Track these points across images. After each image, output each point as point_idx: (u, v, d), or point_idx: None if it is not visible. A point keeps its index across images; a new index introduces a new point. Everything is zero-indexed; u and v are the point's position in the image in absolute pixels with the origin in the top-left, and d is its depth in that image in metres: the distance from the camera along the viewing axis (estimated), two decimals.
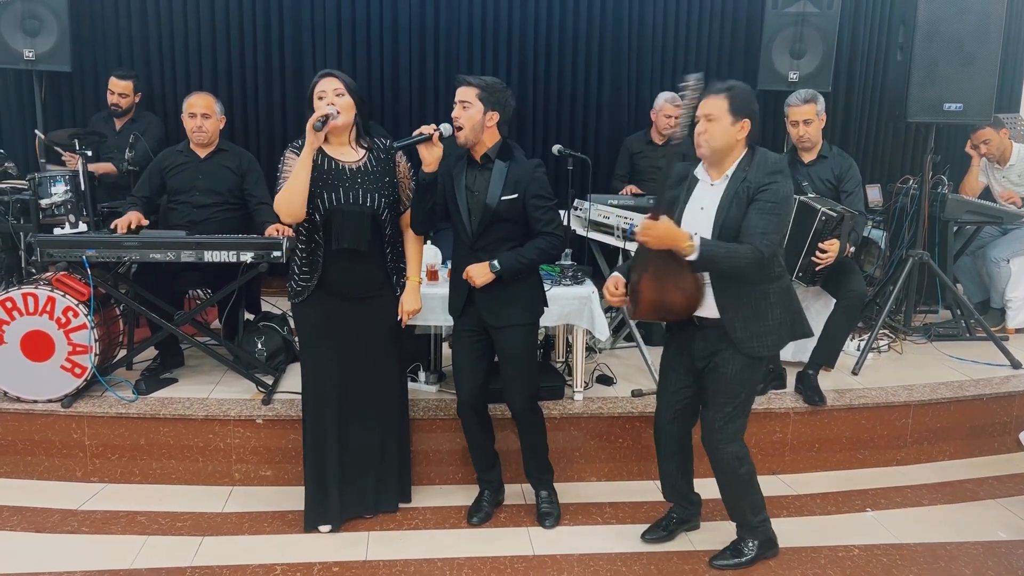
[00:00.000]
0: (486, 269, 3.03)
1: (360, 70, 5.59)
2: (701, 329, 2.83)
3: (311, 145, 2.88)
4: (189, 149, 4.15)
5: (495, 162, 3.07)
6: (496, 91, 3.04)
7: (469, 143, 3.03)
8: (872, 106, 6.15)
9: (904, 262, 4.72)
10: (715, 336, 2.81)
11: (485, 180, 3.06)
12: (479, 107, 3.00)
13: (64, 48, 4.96)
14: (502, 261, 3.03)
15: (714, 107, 2.72)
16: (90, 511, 3.33)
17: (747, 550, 3.02)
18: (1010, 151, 5.16)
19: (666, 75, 5.89)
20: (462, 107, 3.01)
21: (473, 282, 3.05)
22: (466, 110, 3.00)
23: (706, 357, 2.85)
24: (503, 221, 3.05)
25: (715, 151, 2.74)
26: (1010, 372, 4.38)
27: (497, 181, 3.04)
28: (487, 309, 3.10)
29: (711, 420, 2.86)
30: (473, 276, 3.03)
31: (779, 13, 5.25)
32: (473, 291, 3.10)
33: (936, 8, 4.36)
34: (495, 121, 3.06)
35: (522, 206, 3.05)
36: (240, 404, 3.65)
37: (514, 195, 3.03)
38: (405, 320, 3.18)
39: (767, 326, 2.79)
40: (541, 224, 3.07)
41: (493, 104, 3.02)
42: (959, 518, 3.44)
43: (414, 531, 3.24)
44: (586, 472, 3.72)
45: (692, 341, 2.86)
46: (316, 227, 2.99)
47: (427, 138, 2.97)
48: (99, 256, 3.52)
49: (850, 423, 3.88)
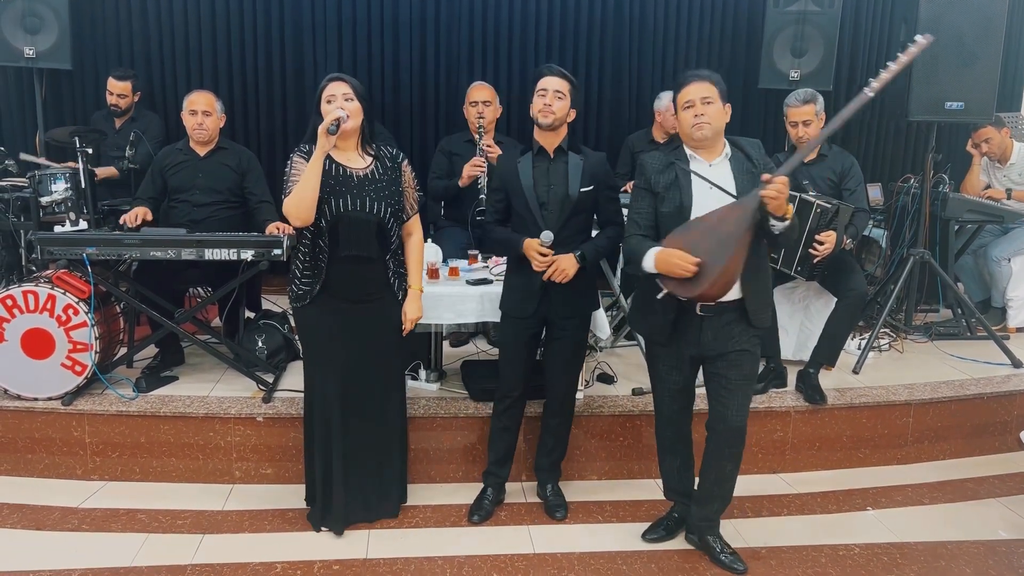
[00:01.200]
0: (574, 260, 3.06)
1: (360, 68, 5.58)
2: (710, 317, 2.82)
3: (322, 149, 2.85)
4: (189, 147, 4.14)
5: (569, 154, 3.12)
6: (578, 90, 3.16)
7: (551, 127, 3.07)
8: (873, 104, 6.09)
9: (905, 261, 4.72)
10: (729, 319, 2.82)
11: (561, 173, 3.10)
12: (568, 101, 3.08)
13: (65, 46, 4.95)
14: (586, 252, 3.09)
15: (709, 91, 2.79)
16: (90, 509, 3.33)
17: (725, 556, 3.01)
18: (1011, 150, 5.15)
19: (667, 73, 5.87)
20: (556, 96, 3.06)
21: (566, 275, 3.05)
22: (560, 100, 3.06)
23: (720, 343, 2.84)
24: (580, 213, 3.11)
25: (715, 132, 2.80)
26: (1011, 371, 4.38)
27: (575, 173, 3.09)
28: (564, 301, 3.14)
29: (739, 403, 2.86)
30: (567, 267, 3.05)
31: (780, 11, 5.24)
32: (550, 287, 3.10)
33: (937, 6, 4.35)
34: (572, 118, 3.14)
35: (595, 198, 3.13)
36: (240, 402, 3.65)
37: (591, 187, 3.10)
38: (408, 328, 3.18)
39: (768, 299, 2.91)
40: (611, 215, 3.19)
41: (576, 102, 3.13)
42: (960, 517, 3.43)
43: (414, 529, 3.23)
44: (587, 470, 3.72)
45: (700, 333, 2.85)
46: (321, 232, 2.98)
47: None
48: (99, 254, 3.52)
49: (851, 422, 3.87)
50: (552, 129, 3.08)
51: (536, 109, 3.07)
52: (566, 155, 3.12)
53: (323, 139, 2.83)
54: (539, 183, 3.09)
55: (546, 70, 3.12)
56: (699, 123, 2.77)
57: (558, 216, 3.07)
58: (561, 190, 3.08)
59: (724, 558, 2.98)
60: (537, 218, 3.07)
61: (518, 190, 3.10)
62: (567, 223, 3.08)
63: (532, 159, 3.13)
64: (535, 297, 3.13)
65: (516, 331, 3.22)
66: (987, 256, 5.15)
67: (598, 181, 3.12)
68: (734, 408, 2.85)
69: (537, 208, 3.08)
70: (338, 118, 2.85)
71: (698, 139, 2.80)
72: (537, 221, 3.07)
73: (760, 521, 3.38)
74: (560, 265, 3.05)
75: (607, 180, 3.16)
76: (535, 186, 3.09)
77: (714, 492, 2.99)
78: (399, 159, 3.12)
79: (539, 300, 3.13)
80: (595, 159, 3.16)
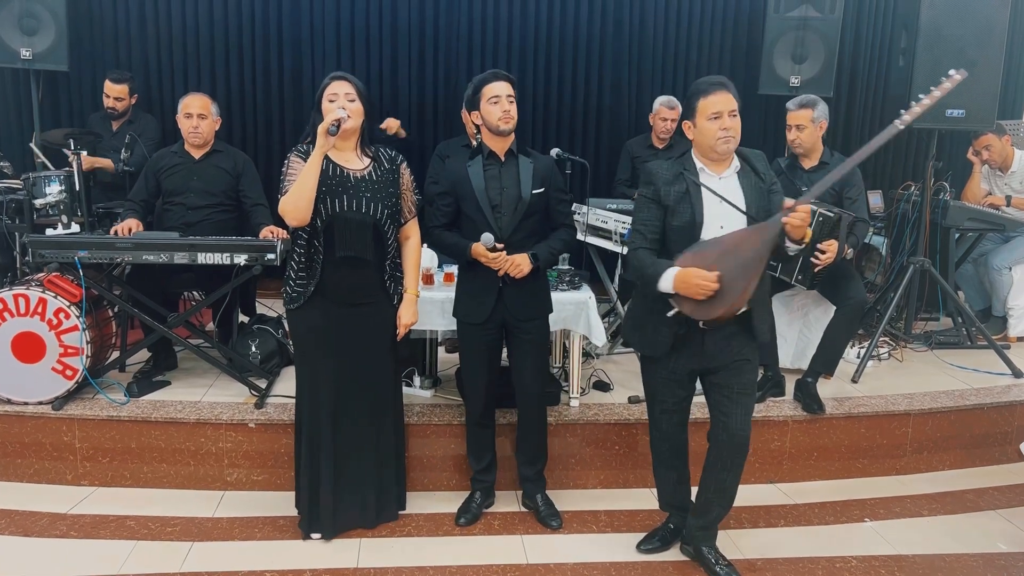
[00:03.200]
0: (528, 259, 3.07)
1: (359, 71, 5.56)
2: (712, 331, 2.78)
3: (321, 148, 2.82)
4: (183, 150, 4.12)
5: (519, 157, 3.13)
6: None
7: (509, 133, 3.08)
8: (874, 111, 6.11)
9: (905, 269, 4.69)
10: (731, 331, 2.78)
11: (513, 175, 3.10)
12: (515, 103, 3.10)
13: (62, 47, 4.94)
14: (539, 252, 3.10)
15: (734, 103, 2.73)
16: (79, 515, 3.30)
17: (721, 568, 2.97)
18: (1012, 158, 5.13)
19: (667, 79, 5.86)
20: (510, 101, 3.06)
21: (521, 271, 3.06)
22: (513, 104, 3.07)
23: (722, 355, 2.80)
24: (532, 215, 3.12)
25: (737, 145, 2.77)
26: (1012, 381, 4.34)
27: (527, 175, 3.10)
28: (518, 303, 3.14)
29: (742, 412, 2.82)
30: (521, 263, 3.06)
31: (780, 17, 5.22)
32: (503, 291, 3.11)
33: (938, 13, 4.33)
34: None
35: (546, 199, 3.15)
36: (233, 408, 3.62)
37: (541, 189, 3.12)
38: (401, 333, 3.15)
39: (768, 311, 2.93)
40: (562, 216, 3.23)
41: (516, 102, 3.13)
42: (959, 529, 3.39)
43: (406, 538, 3.20)
44: (582, 479, 3.69)
45: (701, 347, 2.81)
46: (316, 232, 2.94)
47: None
48: (92, 257, 3.50)
49: (849, 432, 3.84)
50: (508, 135, 3.09)
51: (495, 117, 3.05)
52: (516, 158, 3.13)
53: (322, 139, 2.80)
54: (491, 186, 3.10)
55: (491, 76, 3.09)
56: (726, 137, 2.70)
57: (511, 218, 3.09)
58: (514, 192, 3.09)
59: (720, 570, 2.94)
60: (490, 220, 3.08)
61: (469, 194, 3.10)
62: (520, 225, 3.10)
63: (483, 162, 3.12)
64: (489, 301, 3.13)
65: (474, 338, 3.21)
66: (988, 265, 5.12)
67: (548, 183, 3.14)
68: (737, 418, 2.81)
69: (490, 211, 3.08)
70: (339, 119, 2.82)
71: (721, 152, 2.73)
72: (490, 224, 3.07)
73: (756, 532, 3.34)
74: (515, 261, 3.06)
75: (557, 182, 3.20)
76: (487, 189, 3.09)
77: (713, 501, 2.95)
78: (398, 161, 3.10)
79: (493, 304, 3.13)
80: (544, 162, 3.18)
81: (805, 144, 3.90)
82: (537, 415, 3.31)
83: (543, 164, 3.16)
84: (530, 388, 3.25)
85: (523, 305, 3.15)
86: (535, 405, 3.29)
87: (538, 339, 3.22)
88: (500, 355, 3.29)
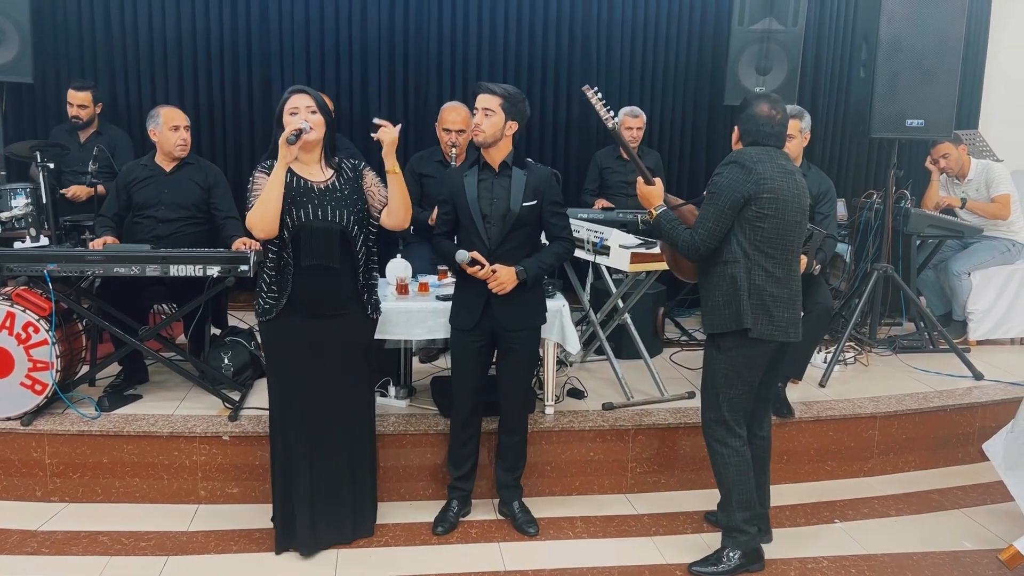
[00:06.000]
0: (514, 274, 3.09)
1: (329, 86, 5.56)
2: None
3: (284, 159, 2.84)
4: (154, 163, 4.08)
5: (513, 169, 3.14)
6: (517, 101, 3.12)
7: (485, 145, 3.10)
8: (836, 121, 6.25)
9: (869, 275, 4.79)
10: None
11: (504, 187, 3.13)
12: (501, 116, 3.08)
13: (26, 59, 4.87)
14: (527, 267, 3.12)
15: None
16: (50, 531, 3.25)
17: (726, 560, 3.02)
18: (968, 166, 5.27)
19: (634, 92, 5.93)
20: (484, 114, 3.07)
21: (503, 288, 3.09)
22: (488, 118, 3.07)
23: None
24: (522, 227, 3.14)
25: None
26: (972, 383, 4.46)
27: (518, 188, 3.12)
28: (505, 314, 3.16)
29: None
30: (504, 281, 3.08)
31: (744, 30, 5.32)
32: (491, 299, 3.13)
33: (897, 27, 4.45)
34: (513, 131, 3.14)
35: (539, 213, 3.16)
36: (206, 420, 3.59)
37: (533, 201, 3.13)
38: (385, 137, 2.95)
39: (709, 305, 2.98)
40: (557, 230, 3.23)
41: (514, 114, 3.11)
42: (925, 528, 3.48)
43: (383, 548, 3.20)
44: (557, 486, 3.71)
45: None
46: (285, 244, 2.94)
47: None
48: (61, 270, 3.46)
49: (818, 435, 3.91)
50: (488, 146, 3.11)
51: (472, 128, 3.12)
52: (510, 170, 3.15)
53: (284, 149, 2.82)
54: (483, 197, 3.14)
55: (476, 88, 3.16)
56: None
57: (500, 229, 3.12)
58: (503, 204, 3.11)
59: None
60: (480, 230, 3.12)
61: (463, 203, 3.15)
62: (508, 236, 3.12)
63: (478, 173, 3.16)
64: (477, 309, 3.17)
65: (463, 344, 3.24)
66: (948, 270, 5.24)
67: (541, 196, 3.15)
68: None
69: (480, 221, 3.12)
70: (300, 129, 2.84)
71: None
72: (480, 233, 3.12)
73: None
74: (499, 278, 3.09)
75: (551, 195, 3.18)
76: (479, 199, 3.13)
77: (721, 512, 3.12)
78: (360, 167, 3.11)
79: (481, 312, 3.17)
80: (540, 174, 3.19)
81: (792, 153, 3.93)
82: (520, 422, 3.34)
83: (538, 177, 3.16)
84: (515, 395, 3.28)
85: (511, 315, 3.17)
86: (518, 412, 3.31)
87: (524, 350, 3.25)
88: (489, 362, 3.31)
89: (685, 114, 6.04)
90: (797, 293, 2.99)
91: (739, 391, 2.97)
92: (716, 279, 2.94)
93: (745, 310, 2.87)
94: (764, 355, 2.96)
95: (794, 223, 2.92)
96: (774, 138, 2.96)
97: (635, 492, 3.75)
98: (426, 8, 5.64)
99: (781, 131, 2.99)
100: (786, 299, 2.93)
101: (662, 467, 3.79)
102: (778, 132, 2.97)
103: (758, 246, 2.88)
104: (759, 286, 2.89)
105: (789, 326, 2.94)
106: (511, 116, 3.10)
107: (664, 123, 6.03)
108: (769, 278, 2.89)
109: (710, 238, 2.89)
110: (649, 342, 4.56)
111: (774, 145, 2.96)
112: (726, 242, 2.90)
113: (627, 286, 4.26)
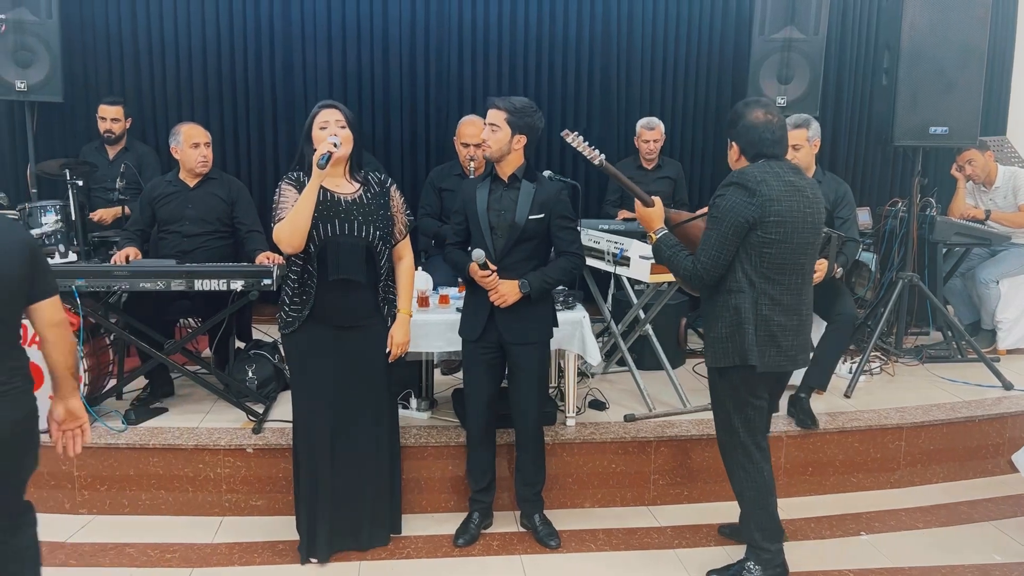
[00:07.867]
0: (516, 288, 3.10)
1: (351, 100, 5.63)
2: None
3: (316, 180, 2.88)
4: (178, 179, 4.14)
5: (522, 182, 3.16)
6: (525, 115, 3.13)
7: (494, 159, 3.14)
8: (860, 130, 6.21)
9: (894, 284, 4.74)
10: None
11: (512, 199, 3.15)
12: (507, 131, 3.10)
13: (56, 79, 4.98)
14: (531, 281, 3.12)
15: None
16: (78, 543, 3.30)
17: (746, 573, 2.98)
18: (995, 173, 5.20)
19: (655, 102, 5.94)
20: (491, 129, 3.11)
21: (504, 300, 3.10)
22: (494, 133, 3.11)
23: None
24: (528, 240, 3.15)
25: None
26: (1002, 393, 4.39)
27: (525, 201, 3.13)
28: (508, 328, 3.17)
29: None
30: (505, 294, 3.09)
31: (766, 39, 5.30)
32: (495, 310, 3.15)
33: (919, 36, 4.42)
34: (522, 144, 3.16)
35: (547, 226, 3.16)
36: (230, 433, 3.63)
37: (541, 215, 3.14)
38: (395, 355, 3.16)
39: (711, 336, 2.88)
40: (565, 244, 3.22)
41: (521, 128, 3.12)
42: (954, 541, 3.42)
43: (405, 560, 3.21)
44: (579, 498, 3.70)
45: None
46: (310, 258, 2.98)
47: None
48: (89, 286, 3.52)
49: (843, 446, 3.87)
50: (498, 160, 3.14)
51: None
52: (519, 182, 3.16)
53: (316, 171, 2.86)
54: (492, 208, 3.16)
55: (487, 102, 3.19)
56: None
57: (505, 242, 3.14)
58: (509, 217, 3.13)
59: None
60: (487, 241, 3.14)
61: (474, 214, 3.18)
62: (514, 248, 3.14)
63: (490, 184, 3.19)
64: (482, 319, 3.18)
65: (473, 355, 3.26)
66: (976, 279, 5.17)
67: (548, 210, 3.15)
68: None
69: (488, 232, 3.15)
70: (329, 152, 2.87)
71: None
72: (487, 244, 3.14)
73: None
74: (501, 290, 3.11)
75: (560, 210, 3.17)
76: (488, 211, 3.16)
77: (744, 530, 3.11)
78: (387, 184, 3.15)
79: (485, 323, 3.18)
80: (550, 188, 3.19)
81: (802, 163, 3.92)
82: (533, 436, 3.32)
83: (547, 191, 3.17)
84: (525, 410, 3.27)
85: (514, 328, 3.18)
86: (530, 426, 3.30)
87: (532, 364, 3.23)
88: (501, 374, 3.32)
89: (707, 124, 6.04)
90: (808, 318, 2.88)
91: (754, 410, 2.88)
92: (719, 309, 2.81)
93: (750, 345, 2.74)
94: (771, 379, 2.90)
95: (804, 244, 2.77)
96: (777, 145, 2.79)
97: (657, 504, 3.73)
98: (447, 25, 5.72)
99: (782, 135, 2.82)
100: (795, 326, 2.80)
101: (685, 479, 3.76)
102: (779, 138, 2.80)
103: (764, 273, 2.74)
104: (766, 317, 2.75)
105: (799, 353, 2.83)
106: (518, 130, 3.10)
107: (685, 133, 6.03)
108: (776, 307, 2.75)
109: (714, 266, 2.74)
110: (671, 353, 4.54)
111: (778, 154, 2.80)
112: (730, 270, 2.76)
113: (648, 297, 4.25)
